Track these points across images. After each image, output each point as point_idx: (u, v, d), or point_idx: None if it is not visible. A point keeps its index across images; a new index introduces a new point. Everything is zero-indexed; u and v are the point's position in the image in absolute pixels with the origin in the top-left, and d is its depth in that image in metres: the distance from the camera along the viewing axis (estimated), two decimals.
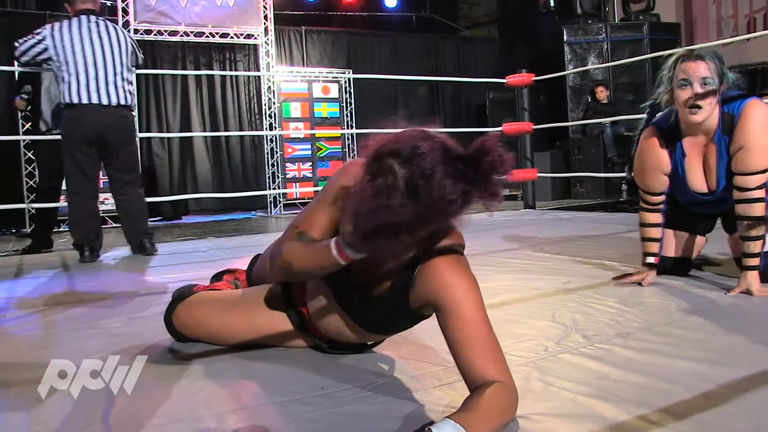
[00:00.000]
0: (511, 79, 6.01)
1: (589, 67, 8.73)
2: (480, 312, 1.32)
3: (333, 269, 1.33)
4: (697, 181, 2.46)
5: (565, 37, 9.19)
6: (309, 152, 8.96)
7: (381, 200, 1.15)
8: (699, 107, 2.27)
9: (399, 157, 1.18)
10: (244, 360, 1.74)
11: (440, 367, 1.61)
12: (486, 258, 3.36)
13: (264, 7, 8.52)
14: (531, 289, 2.55)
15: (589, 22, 9.47)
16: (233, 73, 9.19)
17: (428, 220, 1.18)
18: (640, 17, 9.45)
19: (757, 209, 2.27)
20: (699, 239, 2.72)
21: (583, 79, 9.08)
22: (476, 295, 1.33)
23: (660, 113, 2.49)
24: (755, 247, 2.29)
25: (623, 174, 7.11)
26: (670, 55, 2.38)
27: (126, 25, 7.76)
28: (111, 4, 7.95)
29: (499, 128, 6.10)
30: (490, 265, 3.11)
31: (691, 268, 2.75)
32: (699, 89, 2.26)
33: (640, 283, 2.53)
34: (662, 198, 2.55)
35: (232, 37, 8.42)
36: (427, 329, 1.59)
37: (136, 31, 7.82)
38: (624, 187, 8.09)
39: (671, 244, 2.68)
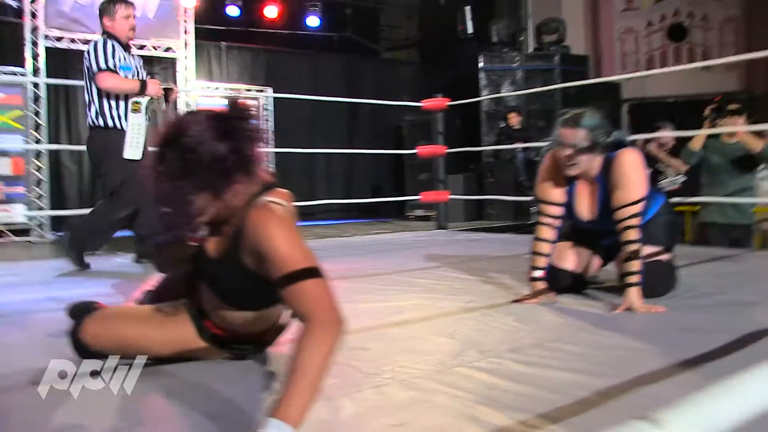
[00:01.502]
0: (427, 103, 6.19)
1: (503, 94, 9.05)
2: (295, 251, 1.41)
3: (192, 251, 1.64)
4: (583, 208, 2.82)
5: (481, 64, 9.52)
6: None
7: (165, 186, 1.41)
8: (572, 165, 2.68)
9: (169, 145, 1.42)
10: (153, 374, 1.76)
11: (338, 379, 1.70)
12: (394, 277, 3.47)
13: (184, 20, 8.47)
14: (435, 308, 2.66)
15: (505, 50, 9.86)
16: None
17: (216, 181, 1.43)
18: (552, 48, 9.90)
19: (633, 234, 2.59)
20: (596, 260, 2.94)
21: (497, 105, 9.41)
22: (292, 237, 1.44)
23: None
24: (635, 266, 2.56)
25: (526, 198, 7.41)
26: (563, 113, 2.75)
27: (35, 30, 7.54)
28: (17, 6, 7.71)
29: (414, 150, 6.27)
30: (398, 285, 3.22)
31: (585, 285, 2.96)
32: (569, 154, 2.65)
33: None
34: (559, 211, 2.82)
35: (150, 50, 8.32)
36: None
37: (46, 37, 7.58)
38: (533, 209, 8.42)
39: (571, 257, 2.91)
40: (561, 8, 10.84)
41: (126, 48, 3.99)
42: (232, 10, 10.27)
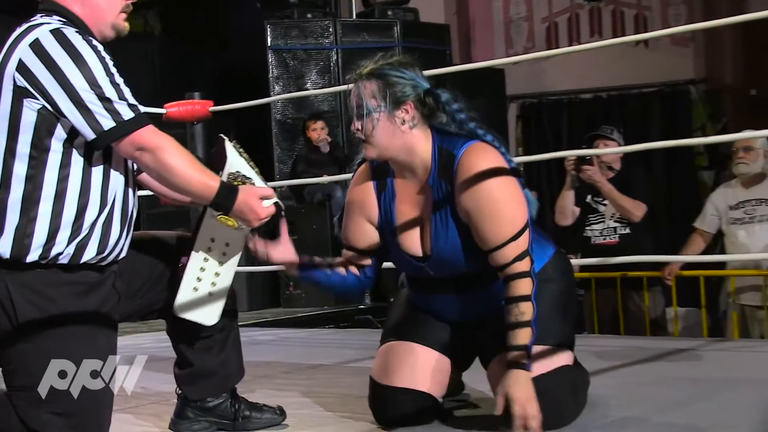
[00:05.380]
0: (172, 109, 6.13)
1: (309, 92, 9.22)
2: None
3: None
4: (410, 238, 2.91)
5: (269, 40, 9.70)
6: None
7: None
8: (363, 141, 2.82)
9: None
10: None
11: None
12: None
13: None
14: None
15: (309, 16, 10.07)
16: None
17: None
18: (389, 13, 10.22)
19: (522, 287, 2.71)
20: (444, 364, 3.03)
21: (299, 110, 9.57)
22: None
23: None
24: (522, 337, 2.68)
25: None
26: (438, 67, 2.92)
27: None
28: None
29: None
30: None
31: (439, 413, 3.05)
32: (355, 123, 2.82)
33: None
34: (367, 261, 3.01)
35: None
36: None
37: None
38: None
39: (406, 365, 2.97)
40: None
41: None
42: None
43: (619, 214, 6.08)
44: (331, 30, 9.87)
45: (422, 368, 2.99)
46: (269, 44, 9.69)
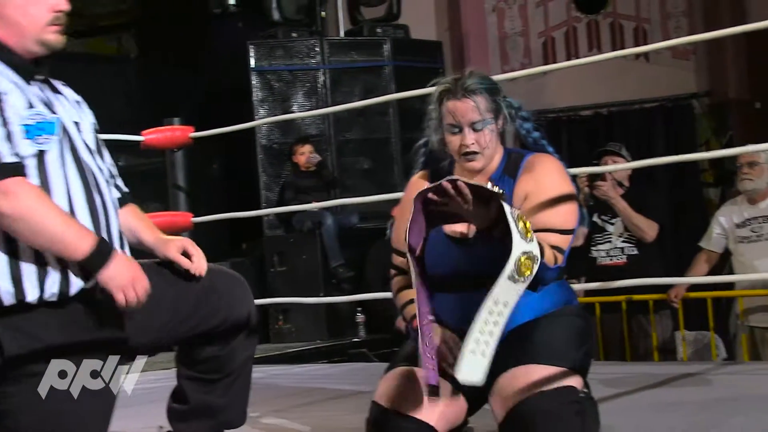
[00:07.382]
0: (151, 136, 6.13)
1: (295, 114, 9.22)
2: None
3: None
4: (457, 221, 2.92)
5: (252, 61, 9.74)
6: None
7: None
8: (475, 153, 2.97)
9: None
10: None
11: None
12: None
13: None
14: None
15: (294, 35, 10.09)
16: None
17: None
18: (378, 30, 10.30)
19: (550, 247, 2.82)
20: (458, 401, 3.03)
21: (285, 134, 9.59)
22: None
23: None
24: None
25: (361, 296, 7.38)
26: (435, 84, 3.07)
27: None
28: None
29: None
30: None
31: None
32: (470, 137, 2.96)
33: None
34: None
35: None
36: None
37: None
38: (360, 317, 8.49)
39: (414, 393, 2.88)
40: None
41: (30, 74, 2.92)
42: None
43: (627, 234, 6.14)
44: (317, 49, 9.94)
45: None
46: (252, 65, 9.76)
